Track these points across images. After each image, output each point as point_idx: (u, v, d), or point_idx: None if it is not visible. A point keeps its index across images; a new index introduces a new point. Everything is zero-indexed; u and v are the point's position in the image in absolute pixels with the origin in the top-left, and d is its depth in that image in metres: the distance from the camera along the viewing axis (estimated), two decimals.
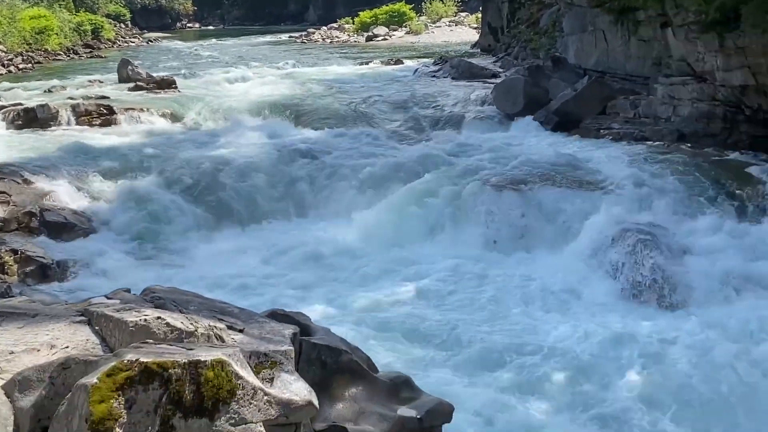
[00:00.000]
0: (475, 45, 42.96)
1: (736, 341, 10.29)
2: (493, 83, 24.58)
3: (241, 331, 5.68)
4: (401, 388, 7.47)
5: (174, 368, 4.35)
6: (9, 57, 42.15)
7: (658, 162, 15.67)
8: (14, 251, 12.33)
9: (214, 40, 64.02)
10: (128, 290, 6.81)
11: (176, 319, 5.42)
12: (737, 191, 14.05)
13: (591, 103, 20.18)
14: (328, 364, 7.11)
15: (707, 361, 9.89)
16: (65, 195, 14.90)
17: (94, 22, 59.89)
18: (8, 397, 4.83)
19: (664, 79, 19.11)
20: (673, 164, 15.42)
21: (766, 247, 12.47)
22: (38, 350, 5.18)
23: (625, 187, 14.51)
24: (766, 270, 11.95)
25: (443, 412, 7.34)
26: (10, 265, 12.10)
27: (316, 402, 4.88)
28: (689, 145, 16.85)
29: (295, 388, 4.81)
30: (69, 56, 48.75)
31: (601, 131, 18.83)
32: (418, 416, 7.15)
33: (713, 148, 16.44)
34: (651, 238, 12.61)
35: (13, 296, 9.13)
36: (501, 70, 29.15)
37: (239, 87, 28.20)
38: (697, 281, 11.92)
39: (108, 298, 6.36)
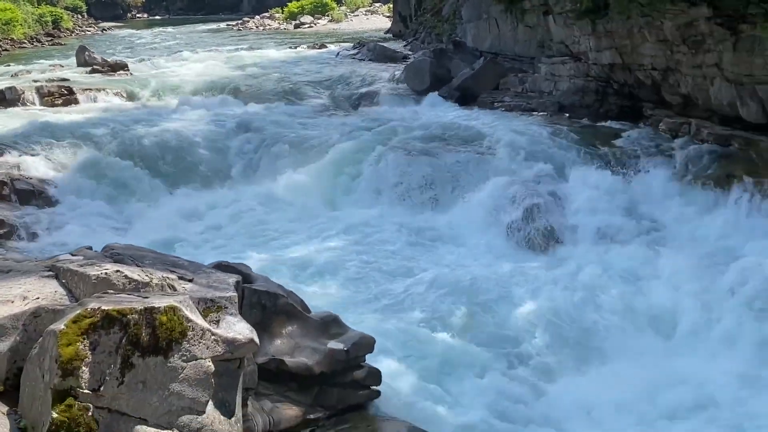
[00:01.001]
0: (387, 31, 42.65)
1: (606, 277, 10.60)
2: (403, 64, 24.53)
3: (190, 280, 5.65)
4: (331, 325, 7.52)
5: (132, 314, 4.32)
6: None
7: (542, 129, 15.82)
8: None
9: (160, 29, 62.29)
10: (90, 248, 6.70)
11: (133, 272, 5.37)
12: (606, 153, 14.31)
13: (486, 80, 20.29)
14: (267, 306, 7.12)
15: (583, 292, 10.19)
16: (33, 166, 14.52)
17: (54, 13, 57.82)
18: None
19: (546, 59, 19.30)
20: (555, 131, 15.61)
21: (629, 198, 12.79)
22: (12, 301, 5.09)
23: (516, 150, 14.68)
24: (628, 218, 12.30)
25: (366, 344, 7.43)
26: None
27: (257, 339, 4.88)
28: (568, 114, 17.06)
29: (238, 329, 4.81)
30: (33, 44, 47.11)
31: (495, 104, 18.94)
32: (345, 348, 7.22)
33: (587, 117, 16.65)
34: (537, 193, 12.84)
35: None
36: (410, 52, 29.04)
37: (184, 69, 27.57)
38: (571, 227, 12.21)
39: (72, 255, 6.25)
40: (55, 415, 4.19)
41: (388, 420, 7.15)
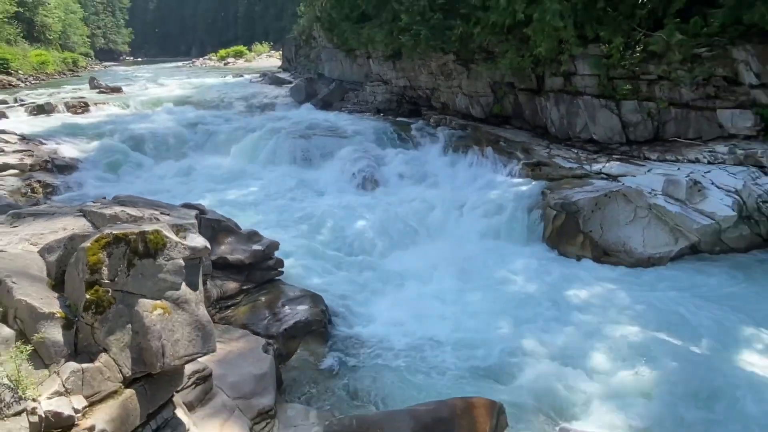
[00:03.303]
0: (279, 67, 40.74)
1: (403, 203, 10.92)
2: (289, 86, 23.78)
3: (168, 214, 5.40)
4: (253, 236, 7.44)
5: (132, 235, 4.11)
6: (25, 77, 36.13)
7: (369, 122, 15.88)
8: (39, 181, 11.18)
9: (141, 66, 56.88)
10: (105, 197, 6.29)
11: (132, 211, 5.08)
12: (403, 135, 14.56)
13: (337, 96, 20.05)
14: (215, 227, 6.95)
15: (391, 211, 10.47)
16: (65, 150, 13.28)
17: (73, 57, 51.73)
18: (41, 256, 4.48)
19: (369, 83, 19.23)
20: (375, 123, 15.71)
21: (416, 160, 13.12)
22: (57, 232, 4.75)
23: (354, 134, 14.70)
24: (416, 171, 12.60)
25: (274, 245, 7.42)
26: (38, 189, 10.94)
27: (209, 247, 4.74)
28: (382, 114, 17.17)
29: (198, 241, 4.66)
30: (60, 76, 42.04)
31: (342, 109, 18.76)
32: (262, 249, 7.18)
33: (392, 116, 16.84)
34: (366, 157, 12.94)
35: (40, 205, 8.38)
36: (293, 79, 28.04)
37: (158, 90, 25.55)
38: (386, 177, 12.42)
39: (94, 203, 5.83)
40: (88, 296, 3.97)
41: (288, 286, 7.22)
